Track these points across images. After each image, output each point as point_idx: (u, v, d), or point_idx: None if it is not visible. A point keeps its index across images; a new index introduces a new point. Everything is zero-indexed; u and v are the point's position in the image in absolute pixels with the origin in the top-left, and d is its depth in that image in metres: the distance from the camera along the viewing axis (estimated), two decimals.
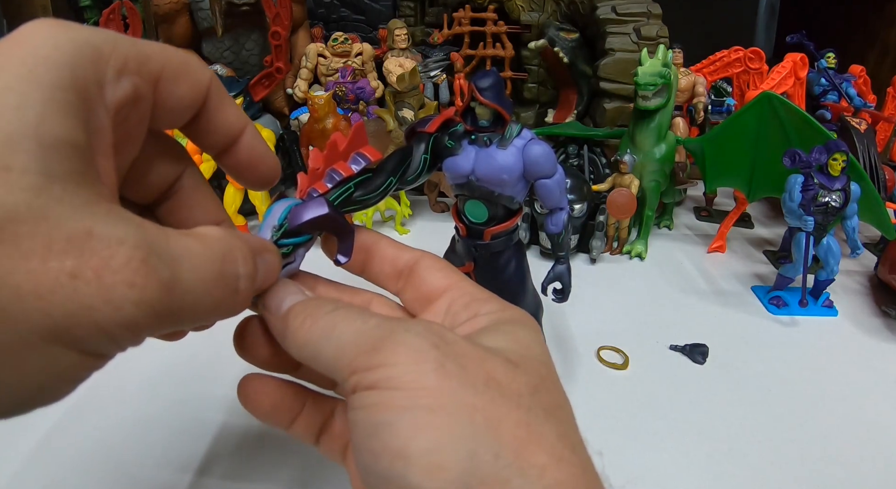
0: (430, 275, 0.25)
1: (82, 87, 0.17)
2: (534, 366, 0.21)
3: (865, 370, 0.53)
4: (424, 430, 0.17)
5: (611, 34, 0.84)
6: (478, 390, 0.18)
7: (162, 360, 0.51)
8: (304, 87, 0.92)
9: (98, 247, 0.15)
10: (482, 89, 0.34)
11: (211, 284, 0.18)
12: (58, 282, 0.15)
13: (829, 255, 0.60)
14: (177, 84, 0.20)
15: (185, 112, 0.21)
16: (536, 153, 0.35)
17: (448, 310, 0.24)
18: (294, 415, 0.26)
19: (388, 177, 0.29)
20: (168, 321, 0.17)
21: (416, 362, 0.18)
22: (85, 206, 0.16)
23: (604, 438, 0.44)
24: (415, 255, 0.26)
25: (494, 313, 0.23)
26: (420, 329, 0.20)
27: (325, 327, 0.21)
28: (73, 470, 0.40)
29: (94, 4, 1.00)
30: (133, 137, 0.21)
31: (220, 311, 0.19)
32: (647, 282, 0.68)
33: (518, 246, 0.40)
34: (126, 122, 0.19)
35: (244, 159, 0.23)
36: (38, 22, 0.17)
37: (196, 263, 0.18)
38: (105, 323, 0.16)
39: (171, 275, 0.17)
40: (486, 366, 0.19)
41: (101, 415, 0.45)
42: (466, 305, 0.24)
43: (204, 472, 0.40)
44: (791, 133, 0.63)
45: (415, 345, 0.19)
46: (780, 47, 1.00)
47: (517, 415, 0.18)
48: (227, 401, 0.46)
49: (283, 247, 0.24)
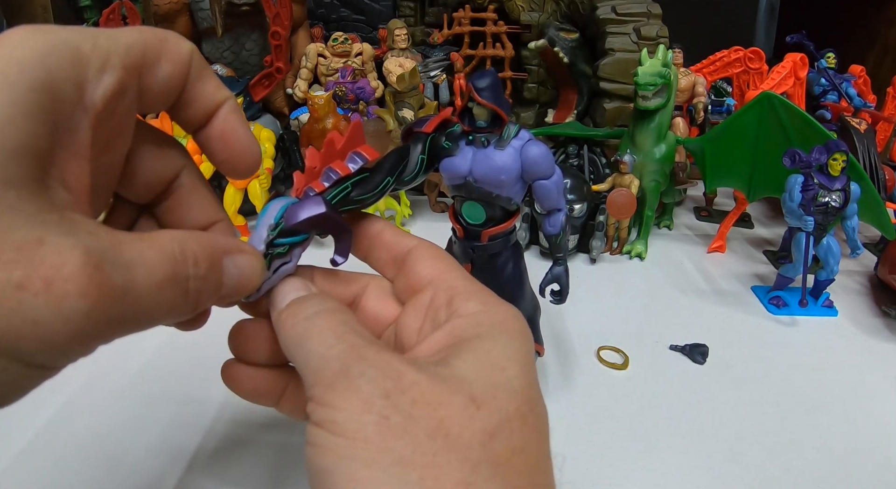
0: (418, 263, 0.25)
1: (57, 89, 0.17)
2: (500, 401, 0.19)
3: (865, 370, 0.53)
4: (358, 485, 0.17)
5: (611, 34, 0.84)
6: (419, 445, 0.17)
7: (155, 357, 0.51)
8: (304, 87, 0.92)
9: (48, 254, 0.15)
10: (480, 90, 0.34)
11: (164, 287, 0.18)
12: (3, 294, 0.14)
13: (829, 255, 0.60)
14: (159, 65, 0.20)
15: (172, 91, 0.21)
16: (534, 154, 0.35)
17: (430, 304, 0.24)
18: (277, 395, 0.26)
19: (386, 176, 0.28)
20: (121, 328, 0.17)
21: (360, 412, 0.18)
22: (38, 214, 0.16)
23: (604, 438, 0.44)
24: (411, 243, 0.26)
25: (475, 315, 0.22)
26: (374, 374, 0.19)
27: (300, 335, 0.21)
28: (67, 465, 0.41)
29: (94, 4, 0.99)
30: (122, 130, 0.20)
31: (173, 314, 0.19)
32: (647, 282, 0.68)
33: (516, 247, 0.40)
34: (113, 115, 0.19)
35: (218, 133, 0.23)
36: (19, 27, 0.17)
37: (149, 267, 0.18)
38: (52, 337, 0.15)
39: (125, 281, 0.17)
40: (439, 413, 0.18)
41: (94, 412, 0.45)
42: (448, 302, 0.23)
43: (196, 469, 0.40)
44: (791, 133, 0.63)
45: (364, 393, 0.18)
46: (780, 47, 0.99)
47: (459, 474, 0.17)
48: (221, 398, 0.46)
49: (278, 247, 0.24)
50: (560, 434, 0.44)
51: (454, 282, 0.24)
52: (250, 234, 0.24)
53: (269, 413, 0.44)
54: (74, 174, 0.18)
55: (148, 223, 0.25)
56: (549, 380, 0.50)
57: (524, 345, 0.22)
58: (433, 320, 0.23)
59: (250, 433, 0.44)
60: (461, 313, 0.22)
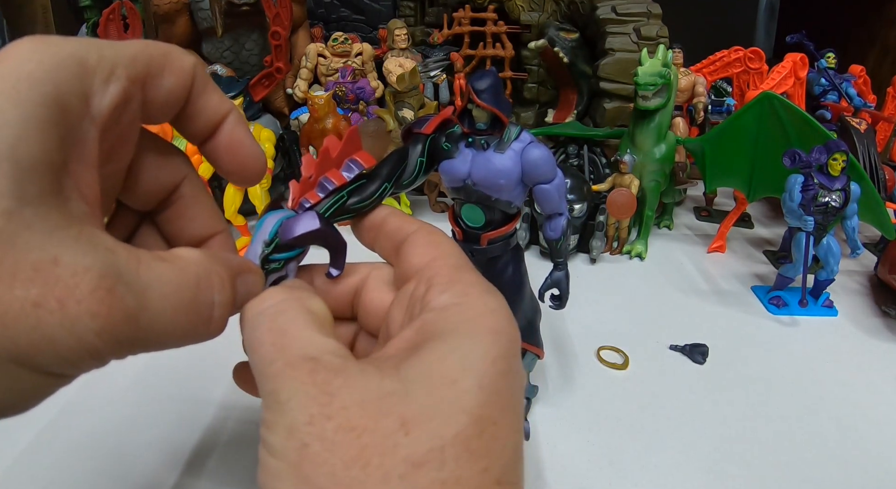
0: (411, 250, 0.24)
1: (65, 102, 0.17)
2: (435, 424, 0.17)
3: (865, 370, 0.53)
4: None
5: (611, 34, 0.84)
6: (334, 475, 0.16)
7: (156, 358, 0.51)
8: (304, 87, 0.92)
9: (63, 275, 0.16)
10: (479, 91, 0.33)
11: (182, 312, 0.18)
12: (22, 311, 0.15)
13: (829, 255, 0.60)
14: (163, 77, 0.20)
15: (175, 103, 0.21)
16: (535, 157, 0.34)
17: (412, 295, 0.22)
18: None
19: (383, 183, 0.28)
20: (133, 348, 0.17)
21: (285, 437, 0.17)
22: (54, 231, 0.16)
23: (604, 438, 0.44)
24: (412, 229, 0.25)
25: (445, 309, 0.20)
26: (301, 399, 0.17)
27: (248, 342, 0.21)
28: (68, 464, 0.41)
29: (94, 4, 0.99)
30: (126, 139, 0.21)
31: (191, 338, 0.19)
32: (647, 282, 0.68)
33: (516, 250, 0.40)
34: (117, 125, 0.19)
35: (225, 145, 0.23)
36: (24, 39, 0.17)
37: (167, 291, 0.18)
38: (66, 353, 0.16)
39: (138, 304, 0.17)
40: (362, 441, 0.17)
41: (94, 413, 0.45)
42: (425, 293, 0.22)
43: (195, 468, 0.41)
44: (791, 133, 0.63)
45: (289, 418, 0.17)
46: (780, 47, 0.99)
47: None
48: (222, 397, 0.47)
49: (273, 262, 0.24)
50: (560, 434, 0.44)
51: (439, 271, 0.22)
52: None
53: None
54: (88, 184, 0.18)
55: (149, 231, 0.25)
56: (548, 381, 0.50)
57: (494, 348, 0.19)
58: (410, 314, 0.22)
59: (251, 431, 0.44)
60: (432, 307, 0.21)
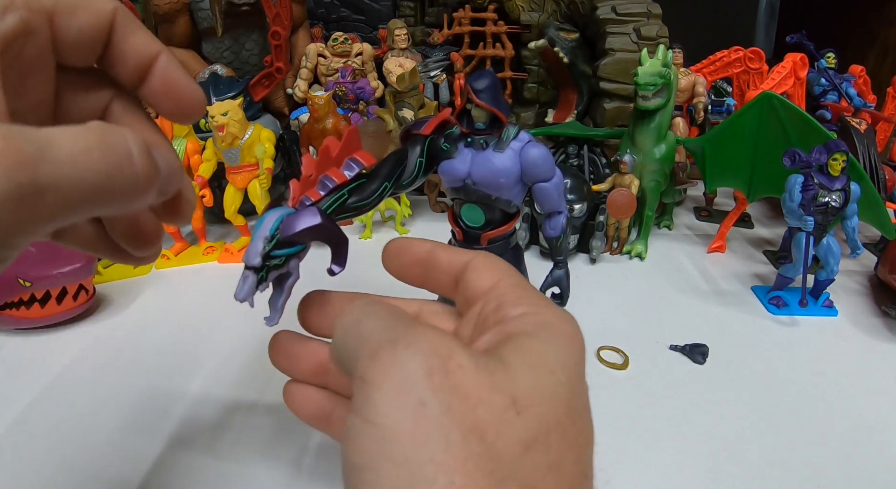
0: (474, 276, 0.24)
1: None
2: (543, 408, 0.18)
3: (865, 370, 0.53)
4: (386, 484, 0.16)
5: (611, 34, 0.84)
6: (450, 445, 0.16)
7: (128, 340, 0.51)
8: (304, 87, 0.92)
9: None
10: (478, 91, 0.33)
11: (93, 152, 0.16)
12: None
13: (829, 255, 0.60)
14: (75, 16, 0.20)
15: (92, 45, 0.21)
16: (534, 156, 0.34)
17: (479, 315, 0.23)
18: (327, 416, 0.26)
19: (383, 182, 0.28)
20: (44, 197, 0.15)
21: (398, 394, 0.17)
22: None
23: (604, 438, 0.44)
24: (466, 258, 0.25)
25: (523, 316, 0.21)
26: (422, 346, 0.17)
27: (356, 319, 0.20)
28: (46, 448, 0.42)
29: None
30: (36, 71, 0.21)
31: (117, 183, 0.17)
32: (647, 282, 0.68)
33: (516, 250, 0.40)
34: (21, 55, 0.19)
35: (160, 86, 0.23)
36: None
37: (70, 136, 0.16)
38: None
39: (37, 150, 0.15)
40: (478, 412, 0.17)
41: (75, 394, 0.47)
42: (496, 309, 0.22)
43: (177, 446, 0.42)
44: (791, 133, 0.63)
45: (408, 368, 0.17)
46: (780, 47, 0.99)
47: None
48: (201, 380, 0.48)
49: (275, 258, 0.24)
50: None
51: (504, 291, 0.23)
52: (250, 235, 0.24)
53: (243, 396, 0.46)
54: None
55: None
56: None
57: (575, 351, 0.21)
58: (481, 329, 0.22)
59: (226, 418, 0.44)
60: (511, 317, 0.21)
